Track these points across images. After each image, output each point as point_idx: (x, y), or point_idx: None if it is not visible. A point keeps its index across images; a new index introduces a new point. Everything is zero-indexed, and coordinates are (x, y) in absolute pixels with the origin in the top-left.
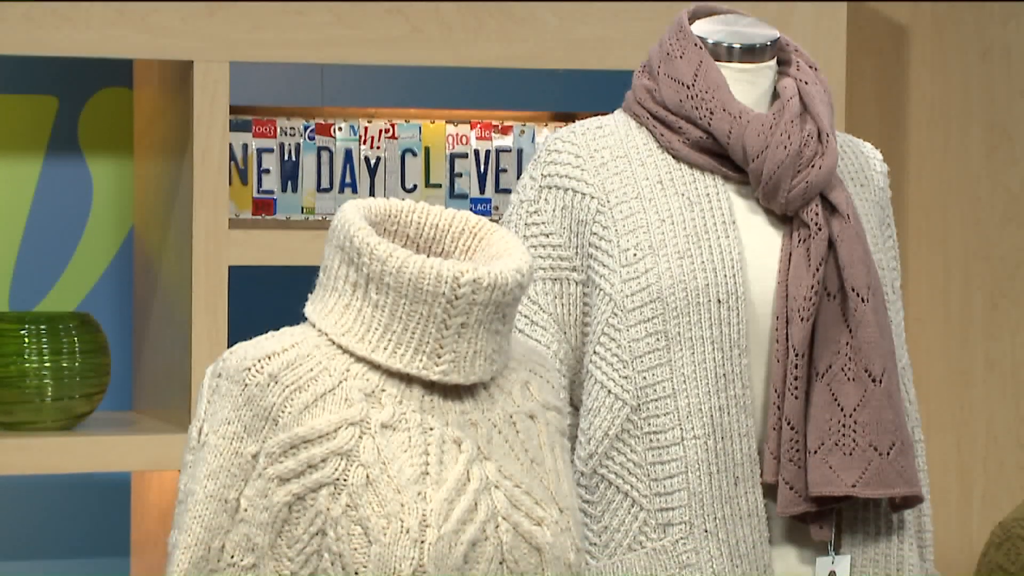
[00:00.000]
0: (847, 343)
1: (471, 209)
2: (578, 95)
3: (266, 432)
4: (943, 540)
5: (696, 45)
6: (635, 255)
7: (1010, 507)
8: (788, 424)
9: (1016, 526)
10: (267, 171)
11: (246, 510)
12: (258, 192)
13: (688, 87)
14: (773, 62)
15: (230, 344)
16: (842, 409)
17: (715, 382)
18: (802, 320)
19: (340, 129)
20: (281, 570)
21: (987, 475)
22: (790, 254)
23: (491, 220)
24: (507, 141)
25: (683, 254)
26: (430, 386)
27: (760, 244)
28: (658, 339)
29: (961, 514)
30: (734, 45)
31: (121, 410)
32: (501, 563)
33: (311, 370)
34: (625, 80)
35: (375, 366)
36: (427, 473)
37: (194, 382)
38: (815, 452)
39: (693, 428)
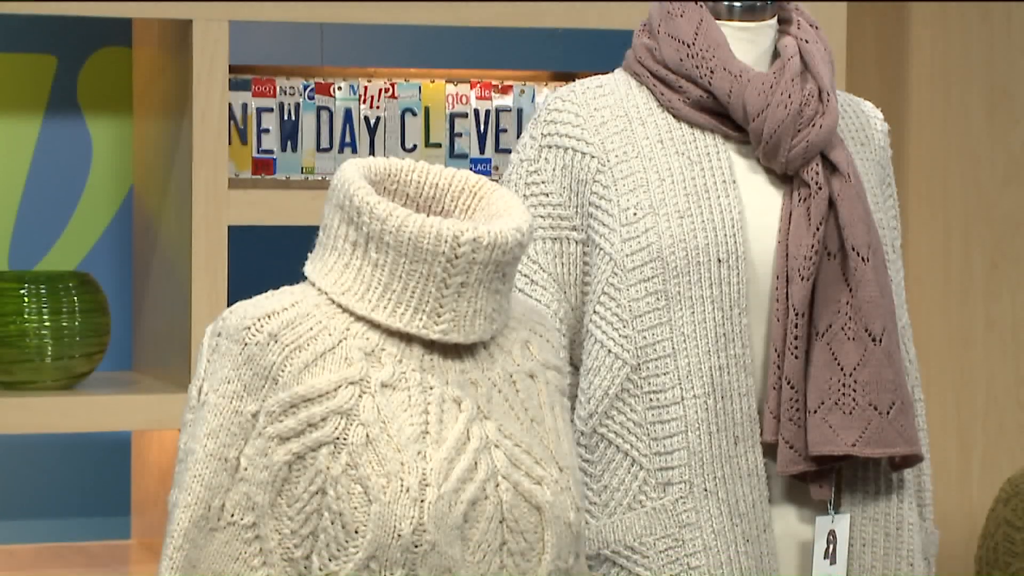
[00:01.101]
0: (847, 302)
1: (471, 169)
2: (578, 54)
3: (266, 391)
4: (942, 499)
5: (696, 3)
6: (635, 214)
7: (1009, 467)
8: (788, 383)
9: None
10: (267, 131)
11: (246, 469)
12: (258, 152)
13: (688, 46)
14: (774, 20)
15: (230, 304)
16: (842, 368)
17: (715, 341)
18: (802, 279)
19: (340, 89)
20: (281, 529)
21: (986, 435)
22: (790, 213)
23: (491, 180)
24: (507, 101)
25: (683, 213)
26: (430, 345)
27: (760, 203)
28: (658, 298)
29: (960, 473)
30: (735, 3)
31: (121, 370)
32: (501, 522)
33: (311, 329)
34: (625, 39)
35: (375, 325)
36: (427, 432)
37: (194, 342)
38: (815, 411)
39: (693, 387)
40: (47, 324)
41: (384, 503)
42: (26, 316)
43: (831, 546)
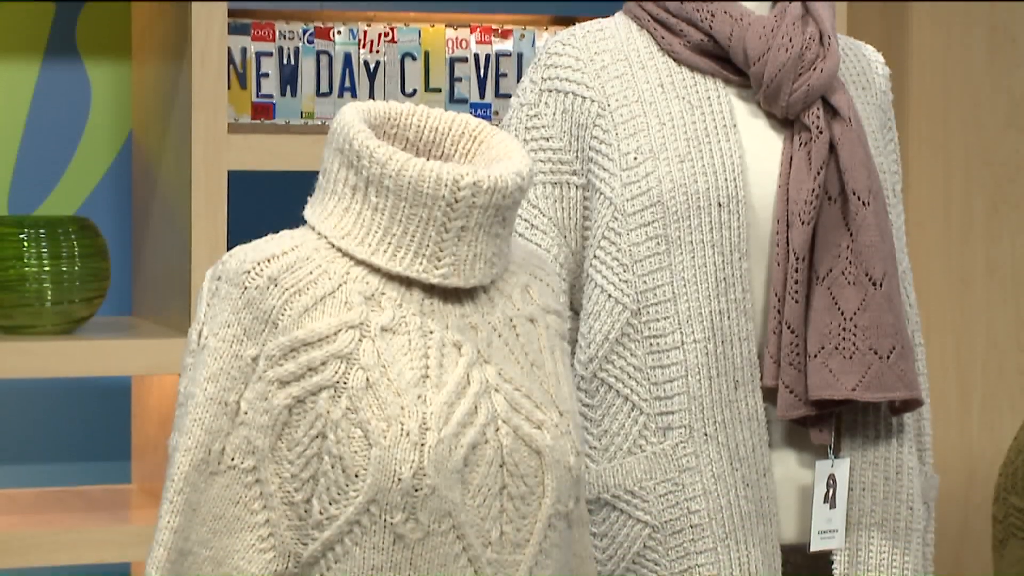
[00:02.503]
0: (847, 247)
1: (471, 114)
2: None
3: (266, 335)
4: (942, 444)
5: None
6: (635, 159)
7: (1009, 410)
8: (788, 328)
9: None
10: (266, 75)
11: (246, 413)
12: (257, 96)
13: None
14: None
15: (229, 248)
16: (842, 313)
17: (715, 286)
18: (803, 224)
19: (339, 33)
20: (281, 472)
21: (986, 379)
22: (791, 157)
23: (491, 124)
24: (507, 45)
25: (683, 158)
26: (430, 289)
27: (761, 148)
28: (658, 243)
29: (960, 418)
30: None
31: (121, 314)
32: (501, 466)
33: (311, 273)
34: None
35: (375, 269)
36: (427, 376)
37: (194, 286)
38: (815, 356)
39: (693, 332)
40: (47, 269)
41: (384, 447)
42: (25, 261)
43: (831, 490)
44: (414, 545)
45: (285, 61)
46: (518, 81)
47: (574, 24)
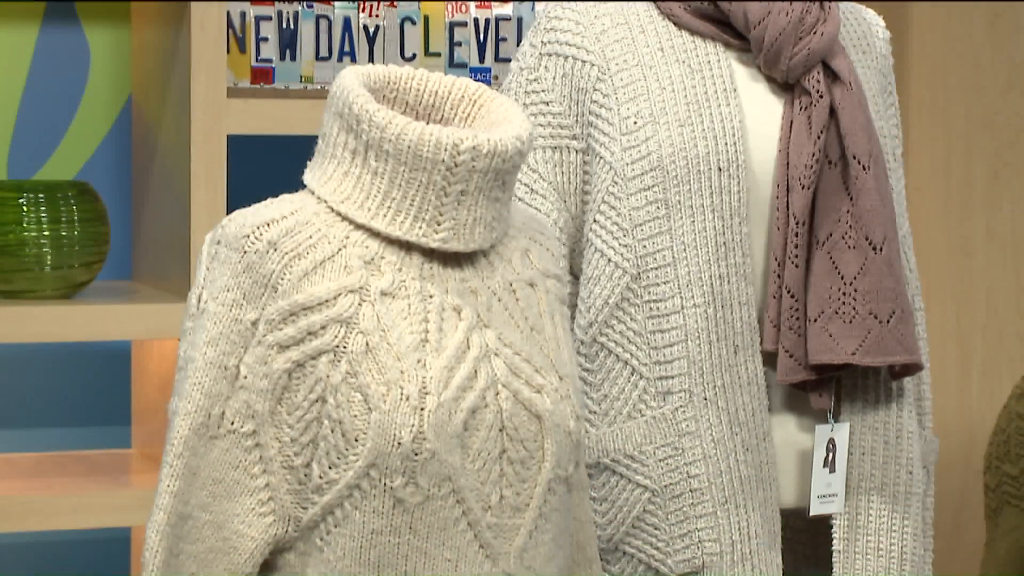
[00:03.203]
0: (848, 211)
1: (471, 78)
2: None
3: (265, 299)
4: (941, 408)
5: None
6: (635, 123)
7: (1009, 375)
8: (788, 292)
9: None
10: (265, 39)
11: (246, 377)
12: (256, 61)
13: None
14: None
15: (229, 213)
16: (842, 277)
17: (715, 250)
18: (803, 188)
19: None
20: (281, 437)
21: (986, 344)
22: (791, 122)
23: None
24: (507, 9)
25: (684, 122)
26: (429, 254)
27: (761, 112)
28: (658, 207)
29: (960, 383)
30: None
31: (120, 279)
32: (501, 431)
33: (310, 237)
34: None
35: (374, 233)
36: (427, 341)
37: (193, 251)
38: (815, 320)
39: (693, 296)
40: (46, 233)
41: (384, 411)
42: (25, 225)
43: (830, 455)
44: (414, 509)
45: (284, 25)
46: (518, 45)
47: None
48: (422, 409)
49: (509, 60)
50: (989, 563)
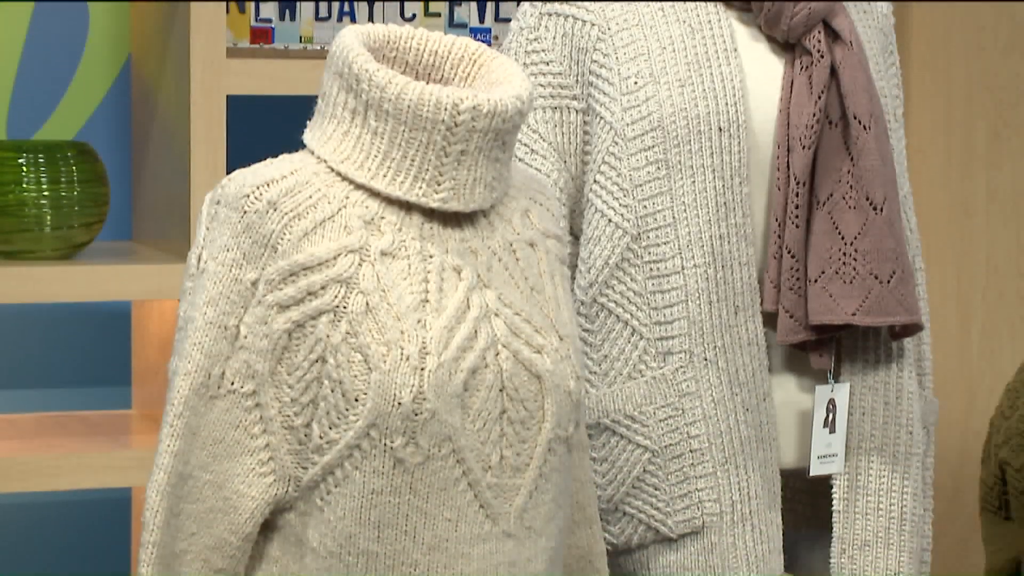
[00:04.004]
0: (848, 171)
1: (471, 38)
2: None
3: (265, 259)
4: (942, 368)
5: None
6: (636, 83)
7: (1009, 336)
8: (788, 252)
9: None
10: None
11: (246, 337)
12: (256, 21)
13: None
14: None
15: (229, 173)
16: (843, 237)
17: (715, 211)
18: (803, 148)
19: None
20: (281, 397)
21: (986, 304)
22: (792, 81)
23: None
24: None
25: (684, 82)
26: (429, 214)
27: (762, 72)
28: (658, 167)
29: (960, 343)
30: None
31: (120, 240)
32: (501, 391)
33: (310, 197)
34: None
35: (374, 193)
36: (427, 301)
37: (193, 211)
38: (815, 280)
39: (693, 257)
40: (46, 194)
41: (384, 371)
42: (24, 186)
43: (830, 415)
44: (414, 469)
45: None
46: (518, 5)
47: None
48: (422, 369)
49: (509, 20)
50: (1005, 546)
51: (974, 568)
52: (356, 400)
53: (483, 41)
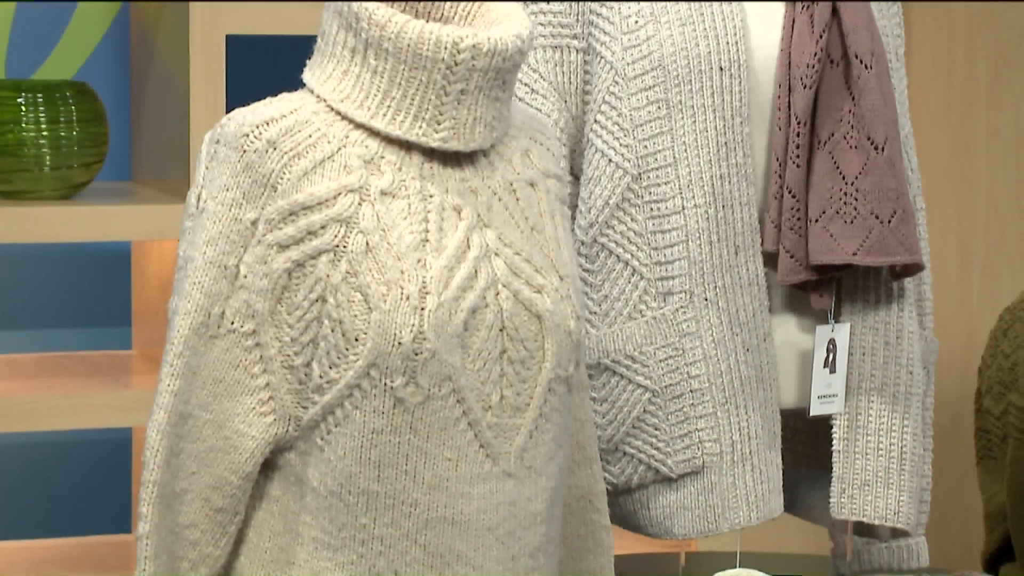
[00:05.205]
0: (850, 110)
1: None
2: None
3: (265, 198)
4: (942, 308)
5: None
6: (636, 22)
7: (1009, 276)
8: (789, 192)
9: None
10: None
11: (246, 276)
12: None
13: None
14: None
15: (228, 113)
16: (844, 177)
17: (716, 151)
18: (805, 87)
19: None
20: (281, 336)
21: (987, 244)
22: (793, 21)
23: None
24: None
25: (685, 21)
26: (429, 153)
27: (763, 11)
28: (659, 107)
29: (960, 282)
30: None
31: (120, 180)
32: (501, 330)
33: (310, 136)
34: None
35: (374, 133)
36: (427, 240)
37: (193, 151)
38: (816, 220)
39: (694, 197)
40: (45, 133)
41: (384, 311)
42: (24, 125)
43: (831, 355)
44: (414, 409)
45: None
46: None
47: None
48: (422, 309)
49: None
50: (995, 492)
51: (973, 507)
52: (356, 340)
53: None
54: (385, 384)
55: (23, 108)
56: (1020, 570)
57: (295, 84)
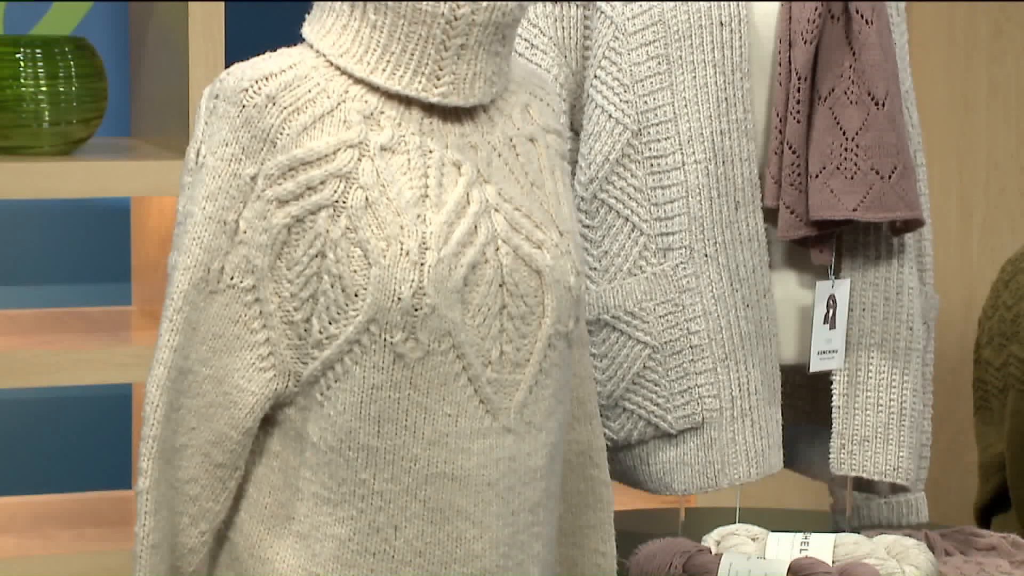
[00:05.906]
0: (850, 66)
1: None
2: None
3: (264, 154)
4: (942, 264)
5: None
6: None
7: (1010, 231)
8: (790, 148)
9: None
10: None
11: (245, 232)
12: None
13: None
14: None
15: (227, 68)
16: (844, 132)
17: (716, 106)
18: (805, 43)
19: None
20: (281, 292)
21: (988, 200)
22: None
23: None
24: None
25: None
26: (429, 108)
27: None
28: (659, 62)
29: (961, 238)
30: None
31: (119, 136)
32: (501, 286)
33: (309, 91)
34: None
35: (374, 88)
36: (426, 196)
37: (192, 107)
38: (816, 176)
39: (694, 152)
40: (43, 89)
41: (384, 266)
42: (22, 81)
43: (831, 311)
44: (414, 364)
45: None
46: None
47: None
48: (422, 264)
49: None
50: (991, 443)
51: (972, 463)
52: (356, 295)
53: None
54: (385, 340)
55: (22, 63)
56: (1016, 520)
57: (294, 39)
